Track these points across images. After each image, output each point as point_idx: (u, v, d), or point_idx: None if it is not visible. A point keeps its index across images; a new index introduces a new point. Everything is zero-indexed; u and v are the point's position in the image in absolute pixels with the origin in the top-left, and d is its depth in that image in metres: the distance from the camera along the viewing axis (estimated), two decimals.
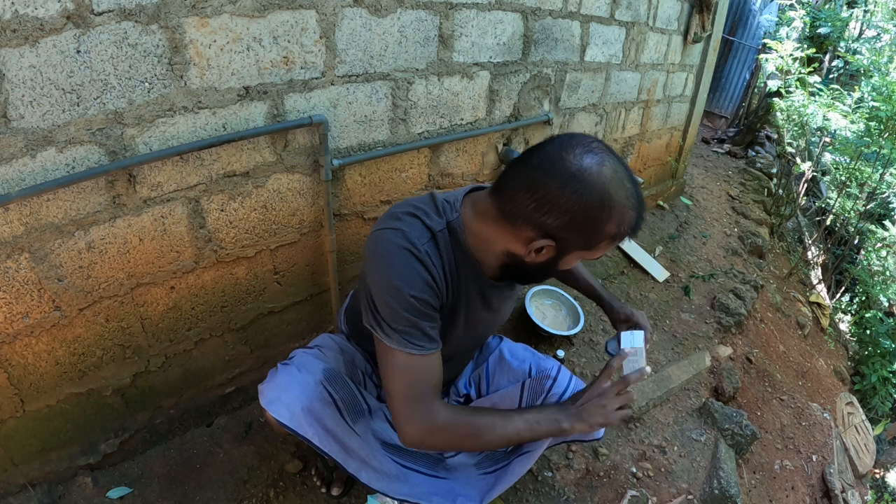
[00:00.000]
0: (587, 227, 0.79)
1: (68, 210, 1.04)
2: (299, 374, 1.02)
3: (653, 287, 2.70)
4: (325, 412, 1.01)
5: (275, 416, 0.97)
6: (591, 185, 0.76)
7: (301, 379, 1.02)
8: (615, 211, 0.78)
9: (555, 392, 1.15)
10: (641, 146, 3.01)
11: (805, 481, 2.10)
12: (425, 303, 0.86)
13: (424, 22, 1.46)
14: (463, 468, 1.24)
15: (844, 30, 5.01)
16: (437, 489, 1.18)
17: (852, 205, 4.05)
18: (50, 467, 1.22)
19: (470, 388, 1.27)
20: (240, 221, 1.32)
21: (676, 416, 1.92)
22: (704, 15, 2.82)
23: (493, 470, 1.22)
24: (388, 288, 0.84)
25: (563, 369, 1.19)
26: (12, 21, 0.85)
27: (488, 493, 1.18)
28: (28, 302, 1.05)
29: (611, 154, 0.80)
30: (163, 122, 1.09)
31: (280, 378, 1.03)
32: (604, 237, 0.81)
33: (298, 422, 0.98)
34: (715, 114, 6.77)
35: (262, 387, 1.02)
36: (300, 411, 0.97)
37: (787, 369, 2.76)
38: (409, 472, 1.18)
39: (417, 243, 0.86)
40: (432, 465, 1.23)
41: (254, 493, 1.31)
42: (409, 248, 0.85)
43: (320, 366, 1.06)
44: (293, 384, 1.00)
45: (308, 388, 1.00)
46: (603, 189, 0.77)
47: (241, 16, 1.12)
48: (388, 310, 0.84)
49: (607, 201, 0.77)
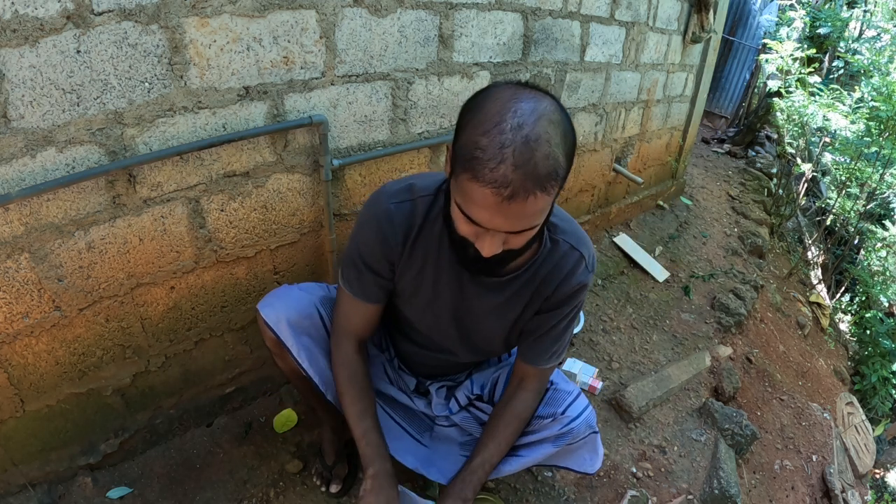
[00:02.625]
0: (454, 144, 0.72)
1: (68, 210, 1.04)
2: (298, 291, 1.11)
3: (653, 287, 2.70)
4: (311, 330, 1.09)
5: (263, 317, 1.06)
6: (480, 98, 0.70)
7: (298, 294, 1.10)
8: (471, 128, 0.68)
9: (568, 415, 1.11)
10: (641, 146, 3.01)
11: (805, 481, 2.10)
12: (369, 254, 0.95)
13: (424, 22, 1.46)
14: (447, 442, 1.24)
15: (844, 30, 5.01)
16: (416, 452, 1.22)
17: (852, 205, 4.05)
18: (50, 467, 1.22)
19: (484, 390, 1.23)
20: (240, 221, 1.32)
21: (676, 416, 1.92)
22: (704, 15, 2.82)
23: None
24: (351, 235, 0.99)
25: (582, 396, 1.15)
26: (12, 21, 0.85)
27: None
28: (28, 302, 1.05)
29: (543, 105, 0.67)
30: (163, 122, 1.09)
31: (281, 290, 1.12)
32: (457, 165, 0.69)
33: (281, 328, 1.05)
34: (715, 114, 6.77)
35: (265, 296, 1.11)
36: (286, 319, 1.05)
37: (787, 369, 2.76)
38: (394, 426, 1.22)
39: (384, 200, 0.93)
40: (420, 430, 1.26)
41: (254, 493, 1.31)
42: (375, 203, 0.94)
43: (321, 292, 1.13)
44: (290, 297, 1.09)
45: (301, 302, 1.09)
46: (484, 105, 0.68)
47: (241, 16, 1.12)
48: (345, 251, 1.00)
49: (474, 114, 0.69)
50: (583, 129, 2.40)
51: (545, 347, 1.04)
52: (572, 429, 1.11)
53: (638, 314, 2.45)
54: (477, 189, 0.67)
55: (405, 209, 0.92)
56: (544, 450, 1.14)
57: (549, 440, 1.13)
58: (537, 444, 1.15)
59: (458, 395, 1.23)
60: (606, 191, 2.88)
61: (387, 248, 0.94)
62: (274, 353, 1.13)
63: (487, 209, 0.68)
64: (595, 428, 1.17)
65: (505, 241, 0.75)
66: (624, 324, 2.35)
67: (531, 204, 0.67)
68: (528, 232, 0.75)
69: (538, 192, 0.66)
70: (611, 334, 2.25)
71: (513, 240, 0.76)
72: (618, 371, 2.05)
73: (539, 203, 0.68)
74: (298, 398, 1.57)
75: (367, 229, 0.94)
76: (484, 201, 0.67)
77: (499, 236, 0.73)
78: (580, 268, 0.97)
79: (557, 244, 0.96)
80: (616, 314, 2.40)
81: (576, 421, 1.11)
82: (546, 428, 1.12)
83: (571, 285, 0.97)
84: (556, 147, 0.67)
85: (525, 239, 0.77)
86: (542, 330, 1.03)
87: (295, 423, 1.50)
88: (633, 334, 2.31)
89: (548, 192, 0.68)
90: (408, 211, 0.92)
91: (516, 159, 0.64)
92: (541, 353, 1.05)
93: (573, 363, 1.97)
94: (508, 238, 0.75)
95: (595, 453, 1.22)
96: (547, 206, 0.71)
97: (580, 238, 0.98)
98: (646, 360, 2.17)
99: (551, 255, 0.96)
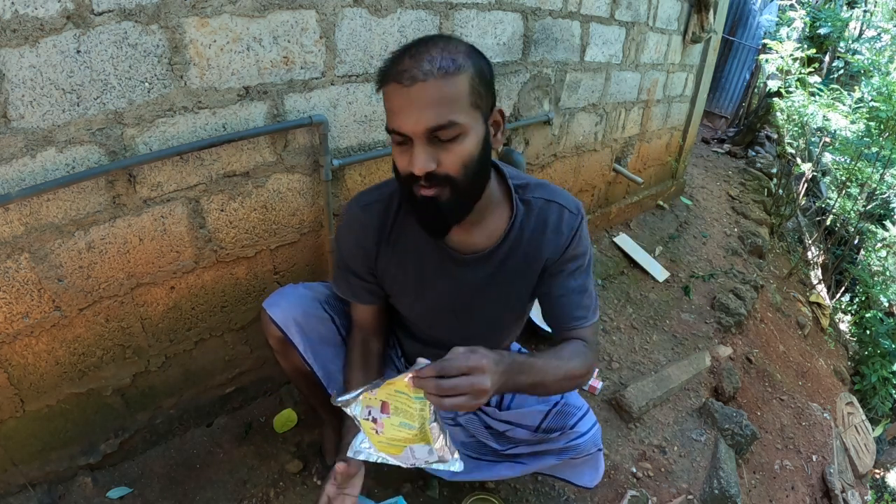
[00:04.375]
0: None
1: (68, 210, 1.04)
2: (304, 290, 1.12)
3: (653, 287, 2.70)
4: (319, 328, 1.10)
5: (271, 315, 1.06)
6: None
7: (304, 293, 1.11)
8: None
9: (577, 430, 1.11)
10: (641, 146, 3.01)
11: (805, 481, 2.10)
12: (351, 259, 0.99)
13: (424, 22, 1.46)
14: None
15: (844, 30, 5.01)
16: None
17: (852, 205, 4.05)
18: (50, 467, 1.22)
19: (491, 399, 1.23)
20: (240, 221, 1.32)
21: (676, 416, 1.92)
22: (704, 15, 2.82)
23: (475, 457, 1.23)
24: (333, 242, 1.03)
25: (591, 414, 1.15)
26: (12, 21, 0.85)
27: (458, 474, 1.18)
28: (28, 302, 1.05)
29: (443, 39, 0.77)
30: (163, 122, 1.09)
31: (287, 289, 1.13)
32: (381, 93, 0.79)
33: (289, 326, 1.07)
34: (715, 114, 6.77)
35: (270, 295, 1.12)
36: (292, 317, 1.07)
37: (787, 369, 2.76)
38: None
39: (355, 206, 0.97)
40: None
41: (254, 493, 1.31)
42: (347, 211, 0.98)
43: (326, 291, 1.14)
44: (295, 295, 1.10)
45: (306, 301, 1.10)
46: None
47: (241, 16, 1.12)
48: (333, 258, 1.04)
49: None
50: (583, 129, 2.40)
51: (574, 305, 0.97)
52: (578, 444, 1.11)
53: (638, 314, 2.45)
54: (387, 92, 0.75)
55: (376, 210, 0.96)
56: (547, 461, 1.15)
57: (553, 452, 1.14)
58: (541, 455, 1.16)
59: None
60: (606, 191, 2.88)
61: (364, 251, 0.98)
62: (277, 351, 1.14)
63: (398, 104, 0.73)
64: (600, 446, 1.17)
65: (437, 161, 0.75)
66: (624, 324, 2.35)
67: (432, 88, 0.71)
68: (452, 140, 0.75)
69: (436, 74, 0.71)
70: (611, 334, 2.25)
71: (442, 155, 0.75)
72: (618, 371, 2.05)
73: (441, 89, 0.71)
74: (298, 398, 1.57)
75: (343, 236, 1.00)
76: (393, 98, 0.74)
77: (425, 148, 0.74)
78: (564, 215, 0.94)
79: (530, 203, 0.95)
80: (616, 314, 2.40)
81: (583, 437, 1.11)
82: (553, 441, 1.12)
83: (564, 236, 0.94)
84: (453, 46, 0.75)
85: (454, 154, 0.76)
86: (562, 290, 0.97)
87: (295, 423, 1.50)
88: (633, 334, 2.31)
89: (447, 79, 0.72)
90: (379, 211, 0.96)
91: (412, 53, 0.73)
92: (573, 313, 0.97)
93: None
94: (438, 153, 0.75)
95: (596, 470, 1.23)
96: (454, 97, 0.73)
97: (551, 190, 0.96)
98: (646, 360, 2.17)
99: (529, 217, 0.95)
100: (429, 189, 0.78)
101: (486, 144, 0.81)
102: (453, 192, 0.79)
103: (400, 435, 0.78)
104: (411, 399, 0.74)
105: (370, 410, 0.78)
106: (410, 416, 0.75)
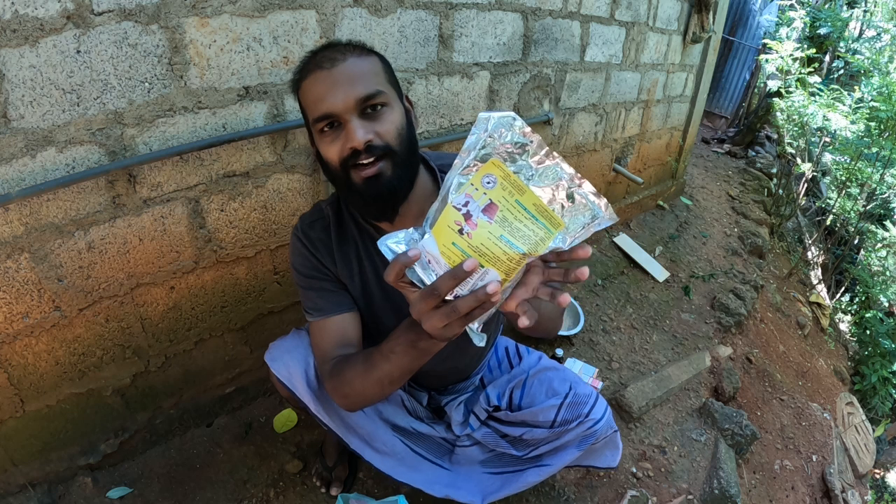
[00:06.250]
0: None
1: (68, 210, 1.04)
2: (306, 337, 1.05)
3: (653, 287, 2.70)
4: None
5: (275, 373, 1.02)
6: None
7: (307, 342, 1.03)
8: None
9: (592, 417, 1.10)
10: (641, 146, 3.01)
11: (805, 481, 2.10)
12: (311, 271, 0.95)
13: (424, 22, 1.46)
14: (468, 463, 1.24)
15: (844, 30, 5.01)
16: (439, 478, 1.19)
17: (852, 205, 4.05)
18: (50, 467, 1.22)
19: (502, 400, 1.21)
20: (240, 221, 1.32)
21: (676, 416, 1.92)
22: (704, 15, 2.82)
23: (499, 472, 1.21)
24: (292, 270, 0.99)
25: (601, 398, 1.15)
26: (12, 21, 0.85)
27: (492, 494, 1.18)
28: (28, 302, 1.05)
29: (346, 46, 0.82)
30: (163, 122, 1.09)
31: (289, 340, 1.06)
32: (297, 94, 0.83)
33: (295, 384, 1.00)
34: (715, 114, 6.77)
35: (272, 344, 1.06)
36: (299, 374, 1.00)
37: (787, 369, 2.76)
38: (417, 458, 1.19)
39: (299, 226, 0.97)
40: (440, 454, 1.24)
41: (254, 493, 1.31)
42: (293, 233, 0.98)
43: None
44: (299, 347, 1.03)
45: (309, 351, 1.02)
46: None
47: (241, 16, 1.12)
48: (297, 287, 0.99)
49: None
50: (583, 129, 2.40)
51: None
52: (596, 430, 1.11)
53: (638, 314, 2.45)
54: (309, 83, 0.78)
55: (319, 226, 0.96)
56: (569, 455, 1.14)
57: (572, 443, 1.13)
58: (562, 450, 1.15)
59: (477, 410, 1.23)
60: (606, 191, 2.88)
61: (322, 264, 0.96)
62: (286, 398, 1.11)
63: (324, 88, 0.76)
64: (615, 426, 1.19)
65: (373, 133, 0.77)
66: (624, 324, 2.35)
67: (353, 64, 0.77)
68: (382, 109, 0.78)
69: (352, 50, 0.79)
70: (611, 334, 2.25)
71: (376, 126, 0.77)
72: (618, 371, 2.05)
73: (361, 65, 0.78)
74: None
75: (299, 258, 0.97)
76: (317, 85, 0.77)
77: (359, 121, 0.77)
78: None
79: (433, 171, 0.95)
80: (616, 314, 2.40)
81: (599, 423, 1.11)
82: (570, 432, 1.12)
83: None
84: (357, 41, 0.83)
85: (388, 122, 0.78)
86: None
87: (295, 423, 1.50)
88: (633, 334, 2.30)
89: (363, 58, 0.79)
90: (322, 227, 0.96)
91: (324, 49, 0.81)
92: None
93: (573, 363, 1.97)
94: (372, 126, 0.77)
95: (616, 449, 1.24)
96: (373, 71, 0.79)
97: (439, 155, 0.99)
98: (646, 360, 2.17)
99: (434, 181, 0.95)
100: (372, 166, 0.78)
101: (410, 121, 0.85)
102: (395, 165, 0.80)
103: (494, 251, 0.56)
104: (534, 221, 0.57)
105: (468, 201, 0.56)
106: (523, 236, 0.57)
